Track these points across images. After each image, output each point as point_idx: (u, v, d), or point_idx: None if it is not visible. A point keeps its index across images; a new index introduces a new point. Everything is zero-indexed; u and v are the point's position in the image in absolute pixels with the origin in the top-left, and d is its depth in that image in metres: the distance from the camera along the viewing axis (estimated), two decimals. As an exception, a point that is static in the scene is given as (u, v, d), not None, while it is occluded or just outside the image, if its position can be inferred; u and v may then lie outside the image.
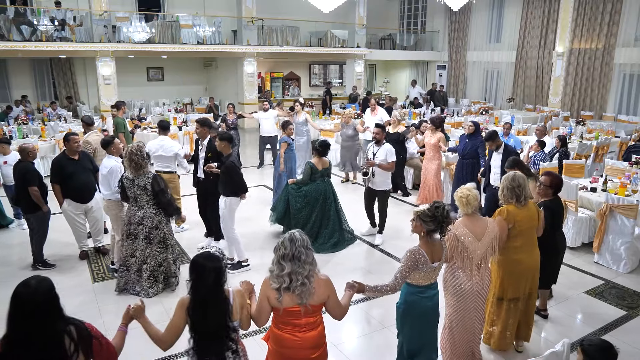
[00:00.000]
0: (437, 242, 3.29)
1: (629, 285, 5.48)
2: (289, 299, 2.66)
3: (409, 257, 3.18)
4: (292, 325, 2.74)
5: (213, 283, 2.50)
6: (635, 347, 4.32)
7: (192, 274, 2.52)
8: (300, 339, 2.74)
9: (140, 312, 2.59)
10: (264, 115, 10.43)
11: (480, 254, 3.54)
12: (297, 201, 6.28)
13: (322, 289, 2.74)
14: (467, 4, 14.11)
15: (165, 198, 4.89)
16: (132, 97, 16.31)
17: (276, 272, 2.67)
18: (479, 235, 3.56)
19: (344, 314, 2.86)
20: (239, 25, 16.15)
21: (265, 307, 2.73)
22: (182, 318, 2.53)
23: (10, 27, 12.55)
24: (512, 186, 3.89)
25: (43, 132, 10.72)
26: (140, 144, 5.00)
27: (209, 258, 2.53)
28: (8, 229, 7.02)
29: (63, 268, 5.75)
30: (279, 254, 2.68)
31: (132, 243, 4.96)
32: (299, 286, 2.63)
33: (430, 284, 3.30)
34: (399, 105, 15.84)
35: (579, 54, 15.23)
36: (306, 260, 2.66)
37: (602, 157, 9.68)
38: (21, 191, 5.49)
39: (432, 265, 3.22)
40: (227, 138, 5.54)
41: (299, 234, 2.72)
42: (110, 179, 5.34)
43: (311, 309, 2.71)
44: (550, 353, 2.88)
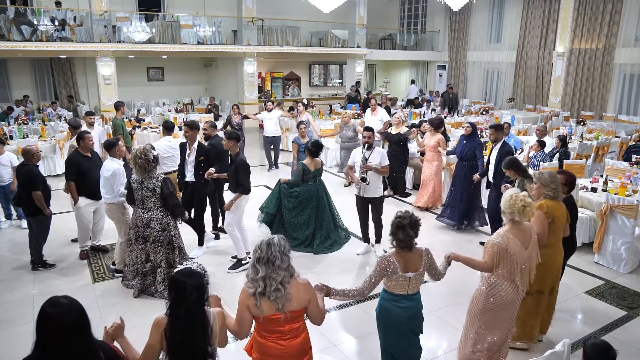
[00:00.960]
0: (415, 251, 3.16)
1: (629, 285, 5.48)
2: (267, 305, 2.58)
3: (378, 263, 3.13)
4: (276, 332, 2.67)
5: (194, 302, 2.31)
6: (635, 347, 4.32)
7: (172, 292, 2.33)
8: (285, 347, 2.68)
9: (119, 331, 2.41)
10: (268, 116, 10.48)
11: (525, 261, 3.50)
12: (289, 201, 6.26)
13: (302, 294, 2.65)
14: (467, 4, 14.11)
15: (173, 201, 4.87)
16: (132, 97, 16.30)
17: (251, 275, 2.60)
18: (526, 243, 3.50)
19: (323, 319, 2.80)
20: (239, 25, 16.15)
21: (245, 317, 2.62)
22: (158, 340, 2.33)
23: (10, 27, 12.56)
24: (558, 182, 3.97)
25: (43, 132, 10.72)
26: (147, 147, 4.86)
27: (189, 275, 2.35)
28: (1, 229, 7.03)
29: (63, 268, 5.75)
30: (255, 257, 2.61)
31: (144, 247, 4.93)
32: (273, 292, 2.54)
33: (407, 295, 3.18)
34: (399, 105, 15.84)
35: (579, 54, 15.23)
36: (280, 266, 2.57)
37: (603, 157, 9.68)
38: (24, 194, 5.48)
39: (404, 275, 3.11)
40: (234, 137, 5.57)
41: (278, 239, 2.64)
42: (113, 182, 5.29)
43: (290, 316, 2.63)
44: (551, 353, 2.89)
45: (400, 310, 3.19)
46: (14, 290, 5.21)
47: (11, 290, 5.22)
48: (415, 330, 3.33)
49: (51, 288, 5.23)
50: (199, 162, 5.91)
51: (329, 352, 4.18)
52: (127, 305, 4.83)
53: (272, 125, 10.43)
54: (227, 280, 5.44)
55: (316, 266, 5.92)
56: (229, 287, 5.11)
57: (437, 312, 4.75)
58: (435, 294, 5.08)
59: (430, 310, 4.85)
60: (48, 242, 5.85)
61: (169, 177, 5.07)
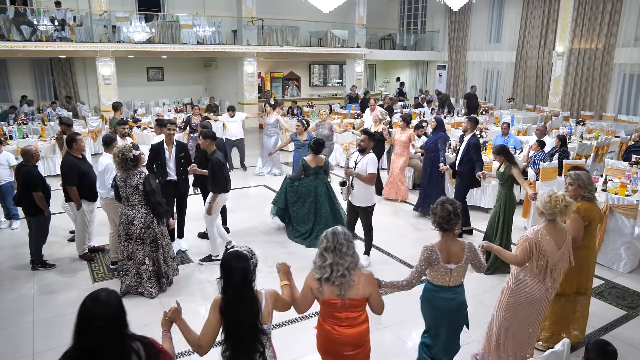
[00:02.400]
0: (456, 243, 3.22)
1: (629, 285, 5.49)
2: (329, 290, 2.75)
3: (422, 252, 3.20)
4: (333, 317, 2.82)
5: (240, 282, 2.47)
6: (635, 347, 4.32)
7: (221, 273, 2.52)
8: (339, 333, 2.80)
9: (177, 315, 2.52)
10: (230, 120, 10.41)
11: (556, 261, 3.51)
12: (291, 195, 6.66)
13: (363, 284, 2.79)
14: (467, 4, 14.12)
15: (154, 199, 4.84)
16: (132, 97, 16.31)
17: (318, 263, 2.77)
18: (560, 243, 3.51)
19: (383, 309, 2.94)
20: (239, 25, 16.15)
21: (308, 297, 2.83)
22: (217, 318, 2.50)
23: (10, 27, 12.55)
24: (593, 182, 3.98)
25: (43, 132, 10.73)
26: (128, 146, 4.83)
27: (236, 257, 2.53)
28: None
29: (63, 268, 5.75)
30: (321, 247, 2.77)
31: (127, 245, 4.94)
32: (339, 277, 2.71)
33: (448, 286, 3.21)
34: (399, 105, 15.84)
35: (579, 54, 15.23)
36: (347, 253, 2.74)
37: (602, 157, 9.68)
38: (24, 194, 5.47)
39: (445, 266, 3.15)
40: (210, 136, 5.72)
41: (341, 229, 2.82)
42: (105, 176, 5.36)
43: (349, 303, 2.76)
44: (551, 353, 2.89)
45: (440, 301, 3.24)
46: (14, 290, 5.21)
47: (11, 290, 5.22)
48: (458, 323, 3.35)
49: (51, 288, 5.24)
50: (179, 159, 5.96)
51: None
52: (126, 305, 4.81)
53: (235, 128, 10.40)
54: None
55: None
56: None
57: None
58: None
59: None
60: (48, 242, 5.85)
61: (151, 175, 5.07)
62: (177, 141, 6.09)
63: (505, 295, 3.66)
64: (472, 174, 6.42)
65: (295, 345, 4.21)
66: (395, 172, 8.48)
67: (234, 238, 6.60)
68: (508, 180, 5.45)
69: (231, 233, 6.78)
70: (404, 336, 4.43)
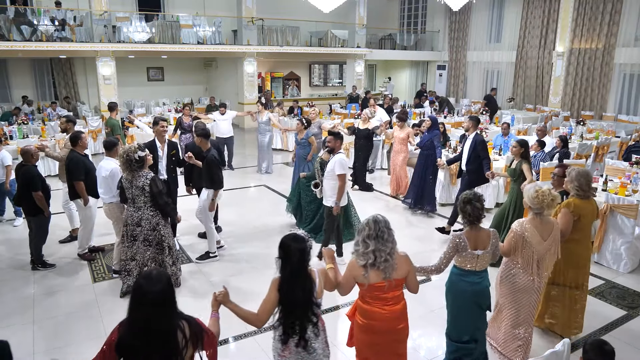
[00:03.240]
0: (483, 230, 3.46)
1: (629, 285, 5.49)
2: (375, 275, 2.93)
3: (451, 240, 3.44)
4: (380, 299, 3.00)
5: (297, 262, 2.67)
6: (635, 347, 4.32)
7: (281, 253, 2.72)
8: (388, 311, 3.01)
9: (226, 298, 2.71)
10: (222, 117, 10.50)
11: (542, 253, 3.68)
12: (308, 195, 6.61)
13: (403, 265, 3.01)
14: (467, 4, 14.12)
15: (162, 200, 4.83)
16: (132, 97, 16.31)
17: (361, 250, 2.93)
18: (545, 235, 3.69)
19: (418, 288, 3.17)
20: (239, 25, 16.15)
21: (350, 284, 3.02)
22: (275, 295, 2.69)
23: (10, 27, 12.55)
24: (588, 181, 4.10)
25: (43, 132, 10.73)
26: (134, 147, 4.82)
27: (294, 239, 2.71)
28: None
29: (63, 268, 5.75)
30: (363, 234, 2.93)
31: (132, 245, 4.92)
32: (383, 262, 2.90)
33: (474, 271, 3.45)
34: (399, 105, 15.85)
35: (579, 54, 15.23)
36: (388, 239, 2.92)
37: (602, 157, 9.68)
38: (24, 194, 5.47)
39: (473, 252, 3.39)
40: (203, 134, 5.75)
41: (381, 217, 2.98)
42: (111, 182, 5.28)
43: (394, 283, 2.98)
44: (551, 353, 2.89)
45: (466, 285, 3.48)
46: (14, 290, 5.20)
47: (11, 290, 5.22)
48: (482, 305, 3.57)
49: (51, 288, 5.24)
50: (170, 157, 5.98)
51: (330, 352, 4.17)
52: (126, 305, 4.81)
53: (225, 126, 10.47)
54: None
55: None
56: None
57: (438, 311, 4.74)
58: (436, 294, 5.08)
59: (431, 309, 4.86)
60: (48, 242, 5.85)
61: (157, 176, 5.07)
62: (168, 140, 6.13)
63: (498, 284, 3.94)
64: (479, 172, 6.52)
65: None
66: (396, 168, 8.68)
67: (234, 238, 6.62)
68: (520, 175, 5.64)
69: (231, 233, 6.81)
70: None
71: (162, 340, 2.19)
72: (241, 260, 6.04)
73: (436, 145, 7.50)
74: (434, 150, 7.50)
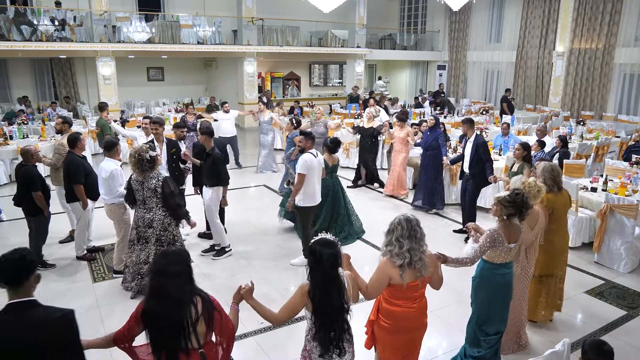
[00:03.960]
0: (515, 225, 3.55)
1: (629, 285, 5.49)
2: (410, 274, 2.94)
3: (489, 235, 3.49)
4: (409, 298, 3.03)
5: (330, 267, 2.63)
6: (635, 347, 4.32)
7: (311, 258, 2.67)
8: (416, 308, 3.06)
9: (249, 294, 2.71)
10: (224, 117, 10.44)
11: (531, 241, 3.93)
12: None
13: (432, 262, 3.05)
14: (467, 4, 14.11)
15: (174, 201, 4.79)
16: (132, 97, 16.31)
17: (396, 250, 2.92)
18: (532, 224, 3.93)
19: (442, 284, 3.21)
20: (239, 25, 16.15)
21: (383, 285, 2.98)
22: (302, 302, 2.67)
23: (10, 27, 12.54)
24: (552, 176, 4.35)
25: (43, 132, 10.73)
26: (144, 147, 4.82)
27: (325, 244, 2.67)
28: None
29: (63, 268, 5.75)
30: (397, 234, 2.93)
31: (144, 248, 4.88)
32: (418, 261, 2.92)
33: (505, 263, 3.56)
34: (399, 105, 15.84)
35: (579, 54, 15.23)
36: (421, 238, 2.95)
37: (602, 157, 9.68)
38: (23, 194, 5.47)
39: (508, 246, 3.49)
40: (208, 132, 5.77)
41: (412, 216, 3.00)
42: (112, 183, 5.22)
43: (426, 281, 3.06)
44: (551, 353, 2.89)
45: (498, 277, 3.58)
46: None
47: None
48: (510, 297, 3.69)
49: (51, 288, 5.23)
50: (170, 155, 5.99)
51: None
52: (127, 305, 4.81)
53: (228, 126, 10.44)
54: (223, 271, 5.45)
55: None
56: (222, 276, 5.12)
57: (437, 312, 4.74)
58: (435, 294, 5.05)
59: (430, 310, 4.83)
60: (48, 242, 5.85)
61: (169, 177, 5.04)
62: (167, 138, 6.14)
63: None
64: (483, 174, 6.49)
65: (291, 346, 4.21)
66: (396, 168, 8.66)
67: (234, 237, 6.62)
68: None
69: (231, 232, 6.79)
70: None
71: (174, 308, 2.29)
72: (240, 259, 6.05)
73: (441, 144, 7.53)
74: (440, 149, 7.51)
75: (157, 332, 2.34)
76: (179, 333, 2.31)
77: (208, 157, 5.70)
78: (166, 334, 2.31)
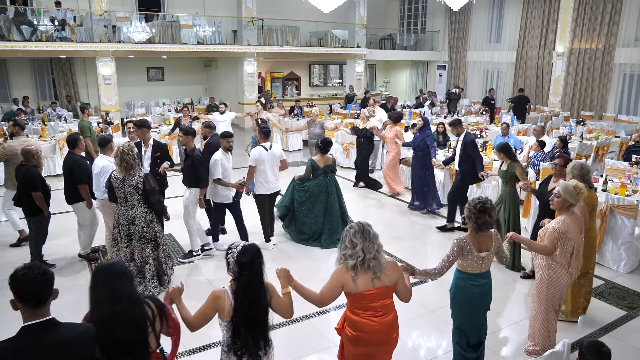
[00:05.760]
0: (486, 233, 3.44)
1: (629, 285, 5.49)
2: (364, 280, 2.83)
3: (455, 244, 3.42)
4: (369, 309, 2.89)
5: (255, 269, 2.65)
6: (635, 347, 4.32)
7: (239, 261, 2.64)
8: (378, 323, 2.90)
9: (177, 295, 2.72)
10: (220, 118, 10.28)
11: (579, 245, 3.88)
12: (300, 195, 6.58)
13: (391, 271, 2.93)
14: (467, 4, 14.11)
15: (154, 198, 4.87)
16: (132, 97, 16.31)
17: (350, 251, 2.85)
18: (581, 228, 3.93)
19: (411, 296, 3.05)
20: (239, 25, 16.15)
21: (335, 292, 2.90)
22: (214, 309, 2.65)
23: (10, 27, 12.55)
24: (582, 174, 4.39)
25: (43, 132, 10.72)
26: (131, 144, 4.91)
27: (251, 246, 2.71)
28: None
29: (62, 268, 5.75)
30: (349, 236, 2.88)
31: (129, 245, 4.93)
32: (372, 259, 2.83)
33: (480, 273, 3.47)
34: (399, 105, 15.85)
35: (579, 54, 15.23)
36: (375, 235, 2.89)
37: (602, 157, 9.68)
38: (23, 194, 5.47)
39: (478, 255, 3.40)
40: (191, 132, 5.80)
41: (363, 221, 2.98)
42: (101, 178, 5.33)
43: (383, 290, 2.88)
44: (551, 353, 2.89)
45: (475, 288, 3.48)
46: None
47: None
48: (488, 305, 3.61)
49: (51, 288, 5.23)
50: (155, 159, 5.98)
51: (329, 352, 4.18)
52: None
53: (224, 128, 10.10)
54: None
55: (321, 259, 5.92)
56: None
57: (437, 312, 4.75)
58: (435, 294, 5.08)
59: (430, 310, 4.86)
60: (48, 242, 5.85)
61: (149, 174, 5.09)
62: (155, 141, 6.16)
63: (544, 287, 3.92)
64: (472, 172, 6.61)
65: (292, 345, 4.21)
66: (385, 167, 8.88)
67: (234, 238, 6.61)
68: (511, 178, 5.59)
69: (229, 233, 6.78)
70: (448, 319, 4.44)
71: (132, 306, 2.29)
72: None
73: (429, 145, 7.63)
74: (428, 150, 7.62)
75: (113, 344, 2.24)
76: (139, 346, 2.31)
77: (187, 157, 5.74)
78: (125, 347, 2.26)
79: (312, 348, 4.25)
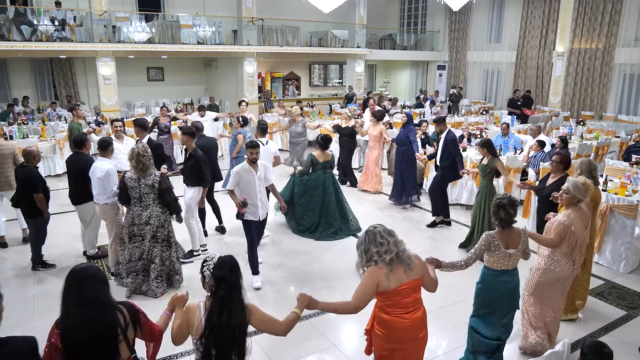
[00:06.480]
0: (514, 230, 3.52)
1: (629, 285, 5.49)
2: (398, 273, 2.85)
3: (484, 238, 3.51)
4: (399, 307, 2.91)
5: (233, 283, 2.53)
6: (635, 347, 4.32)
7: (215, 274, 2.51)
8: (408, 320, 2.93)
9: (179, 302, 2.65)
10: (200, 119, 10.05)
11: (583, 239, 3.97)
12: (299, 188, 6.84)
13: (418, 264, 2.96)
14: (467, 4, 14.11)
15: (170, 196, 4.93)
16: (132, 97, 16.31)
17: (385, 248, 2.85)
18: (586, 223, 4.00)
19: (437, 286, 3.11)
20: (239, 25, 16.15)
21: (369, 294, 2.86)
22: (190, 323, 2.51)
23: (10, 27, 12.54)
24: (590, 169, 4.52)
25: (43, 132, 10.73)
26: (145, 145, 4.95)
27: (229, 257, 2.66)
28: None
29: (63, 268, 5.73)
30: (377, 237, 2.87)
31: (140, 245, 4.94)
32: (404, 251, 2.89)
33: (506, 270, 3.52)
34: (399, 105, 15.85)
35: (579, 54, 15.23)
36: (397, 236, 2.94)
37: (602, 157, 9.68)
38: (23, 195, 5.46)
39: (505, 251, 3.46)
40: (189, 132, 5.79)
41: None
42: (107, 182, 5.17)
43: (413, 284, 2.92)
44: (551, 353, 2.89)
45: (500, 285, 3.54)
46: (14, 291, 5.20)
47: (11, 290, 5.21)
48: (513, 304, 3.65)
49: (51, 288, 5.23)
50: None
51: (329, 352, 4.18)
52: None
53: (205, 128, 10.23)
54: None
55: (314, 251, 5.93)
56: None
57: (437, 312, 4.74)
58: (435, 294, 5.07)
59: (430, 310, 4.83)
60: (48, 242, 5.85)
61: (164, 173, 5.13)
62: (149, 140, 6.17)
63: (536, 275, 4.03)
64: (452, 168, 6.90)
65: (292, 345, 4.21)
66: (369, 165, 8.97)
67: (233, 239, 6.62)
68: (490, 172, 5.86)
69: (229, 232, 6.82)
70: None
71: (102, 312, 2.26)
72: (239, 259, 6.04)
73: (412, 140, 7.86)
74: (410, 145, 7.84)
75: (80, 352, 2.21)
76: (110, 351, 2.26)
77: (191, 157, 5.76)
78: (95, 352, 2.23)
79: (312, 348, 4.25)
